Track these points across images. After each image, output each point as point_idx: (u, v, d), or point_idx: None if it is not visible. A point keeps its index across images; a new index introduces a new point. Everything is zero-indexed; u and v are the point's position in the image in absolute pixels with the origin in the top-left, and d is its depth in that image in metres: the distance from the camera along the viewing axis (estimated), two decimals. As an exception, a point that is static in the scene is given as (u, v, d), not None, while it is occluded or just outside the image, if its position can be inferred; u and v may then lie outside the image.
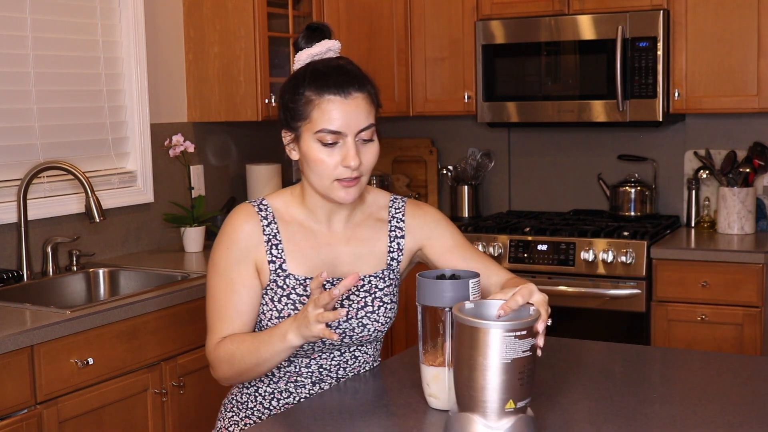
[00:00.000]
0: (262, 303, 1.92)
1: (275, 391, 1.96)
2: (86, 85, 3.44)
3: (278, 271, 1.91)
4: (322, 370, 1.95)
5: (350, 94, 1.83)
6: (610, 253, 3.62)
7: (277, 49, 3.83)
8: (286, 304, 1.90)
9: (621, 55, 3.72)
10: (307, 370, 1.94)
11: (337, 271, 1.94)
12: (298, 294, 1.90)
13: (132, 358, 2.77)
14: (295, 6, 3.90)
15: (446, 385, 1.73)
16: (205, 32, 3.79)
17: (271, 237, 1.92)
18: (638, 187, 4.08)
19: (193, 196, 3.73)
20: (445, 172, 4.50)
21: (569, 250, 3.70)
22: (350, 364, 1.97)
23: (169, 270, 3.24)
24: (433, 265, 2.02)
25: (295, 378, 1.94)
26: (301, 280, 1.91)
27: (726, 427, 1.65)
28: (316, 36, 1.92)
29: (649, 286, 3.60)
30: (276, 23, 3.90)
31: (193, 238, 3.62)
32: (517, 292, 1.62)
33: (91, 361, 2.62)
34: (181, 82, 3.84)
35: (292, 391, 1.95)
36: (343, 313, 1.70)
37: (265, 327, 1.92)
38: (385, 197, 2.05)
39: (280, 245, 1.92)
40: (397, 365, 2.07)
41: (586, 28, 3.82)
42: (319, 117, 1.83)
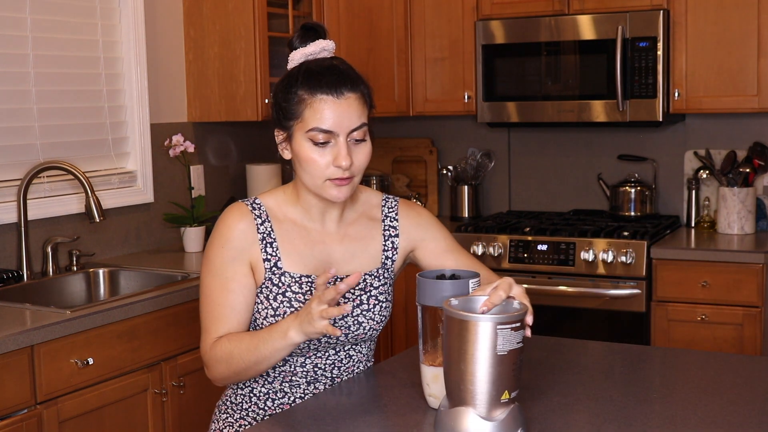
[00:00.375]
0: (257, 302, 1.92)
1: (270, 392, 1.96)
2: (86, 85, 3.44)
3: (273, 269, 1.91)
4: (317, 369, 1.95)
5: (343, 94, 1.84)
6: (610, 253, 3.62)
7: (277, 49, 3.83)
8: (282, 302, 1.90)
9: (621, 55, 3.72)
10: (302, 370, 1.94)
11: (333, 270, 1.94)
12: (293, 291, 1.90)
13: (132, 358, 2.77)
14: (295, 6, 3.90)
15: (446, 385, 1.74)
16: (205, 32, 3.79)
17: (265, 235, 1.92)
18: (638, 187, 4.08)
19: (193, 196, 3.73)
20: (445, 172, 4.50)
21: (569, 250, 3.70)
22: (344, 363, 1.98)
23: (169, 270, 3.24)
24: (424, 267, 2.03)
25: (290, 377, 1.94)
26: (297, 278, 1.91)
27: (726, 427, 1.65)
28: (310, 36, 1.93)
29: (649, 286, 3.60)
30: (276, 23, 3.90)
31: (193, 238, 3.62)
32: (498, 286, 1.64)
33: (91, 361, 2.62)
34: (181, 82, 3.84)
35: (287, 391, 1.95)
36: (349, 308, 1.70)
37: (261, 326, 1.92)
38: (378, 196, 2.06)
39: (274, 243, 1.92)
40: (396, 365, 2.07)
41: (586, 28, 3.82)
42: (311, 116, 1.83)
